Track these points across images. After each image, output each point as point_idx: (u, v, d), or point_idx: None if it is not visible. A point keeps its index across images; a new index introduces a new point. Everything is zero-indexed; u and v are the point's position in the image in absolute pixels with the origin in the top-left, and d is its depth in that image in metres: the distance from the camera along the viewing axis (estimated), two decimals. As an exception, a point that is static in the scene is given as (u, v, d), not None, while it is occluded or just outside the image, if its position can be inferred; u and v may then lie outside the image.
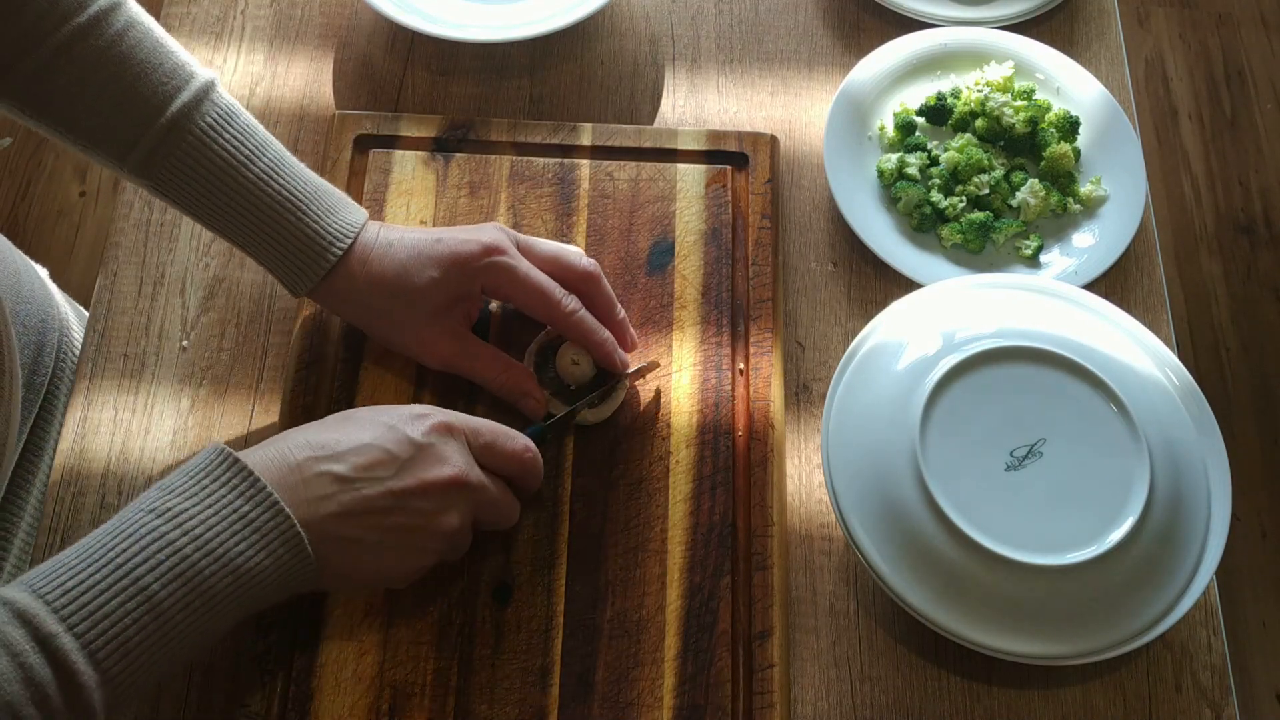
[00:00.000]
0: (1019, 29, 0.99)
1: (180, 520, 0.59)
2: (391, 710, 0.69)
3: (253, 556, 0.60)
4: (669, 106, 0.96)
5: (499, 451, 0.70)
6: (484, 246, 0.75)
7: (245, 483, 0.61)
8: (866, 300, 0.87)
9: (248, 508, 0.61)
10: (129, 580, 0.57)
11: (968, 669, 0.74)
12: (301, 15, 1.00)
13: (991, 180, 0.90)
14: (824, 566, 0.78)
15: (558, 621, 0.72)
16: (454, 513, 0.67)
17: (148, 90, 0.71)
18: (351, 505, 0.64)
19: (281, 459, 0.64)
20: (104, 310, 0.85)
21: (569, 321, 0.76)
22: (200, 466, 0.62)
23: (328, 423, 0.68)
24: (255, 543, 0.60)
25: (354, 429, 0.66)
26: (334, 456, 0.64)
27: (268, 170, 0.73)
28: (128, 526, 0.59)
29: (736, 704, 0.70)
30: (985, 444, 0.73)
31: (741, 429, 0.78)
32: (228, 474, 0.61)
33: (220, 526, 0.60)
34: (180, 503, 0.60)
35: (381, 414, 0.68)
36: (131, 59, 0.71)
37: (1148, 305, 0.88)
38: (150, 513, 0.59)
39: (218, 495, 0.61)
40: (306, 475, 0.63)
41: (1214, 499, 0.75)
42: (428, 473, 0.66)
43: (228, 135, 0.72)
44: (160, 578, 0.58)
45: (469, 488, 0.67)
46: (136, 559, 0.57)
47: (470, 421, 0.70)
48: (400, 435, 0.66)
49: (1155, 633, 0.71)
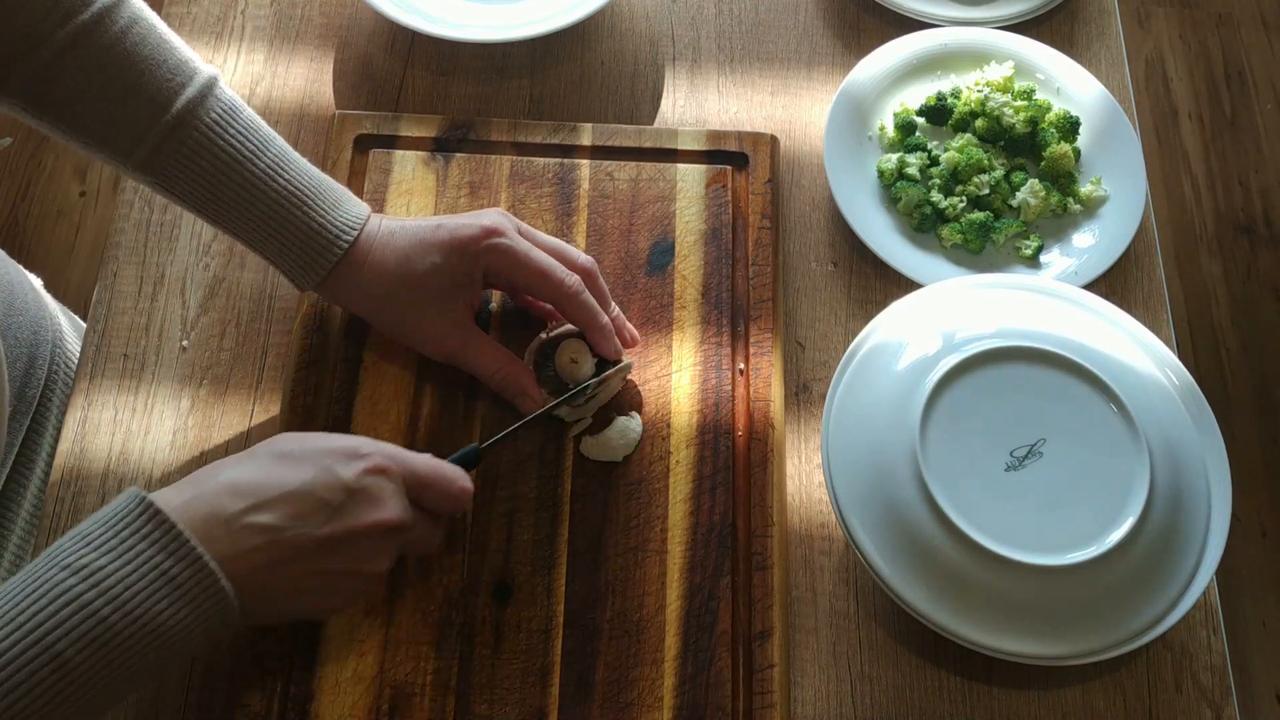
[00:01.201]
0: (1019, 29, 0.99)
1: (97, 579, 0.56)
2: (391, 710, 0.69)
3: (175, 614, 0.57)
4: (669, 106, 0.96)
5: (436, 489, 0.68)
6: (484, 229, 0.75)
7: (167, 536, 0.58)
8: (866, 300, 0.87)
9: (169, 563, 0.57)
10: (40, 647, 0.54)
11: (968, 669, 0.74)
12: (301, 15, 1.00)
13: (991, 180, 0.90)
14: (824, 566, 0.78)
15: (558, 621, 0.72)
16: (383, 556, 0.65)
17: (152, 87, 0.71)
18: (280, 555, 0.61)
19: (206, 507, 0.60)
20: (104, 310, 0.85)
21: (574, 301, 0.75)
22: (118, 515, 0.58)
23: (256, 456, 0.64)
24: (177, 599, 0.57)
25: (285, 469, 0.63)
26: (263, 505, 0.61)
27: (272, 165, 0.73)
28: (41, 585, 0.55)
29: (736, 704, 0.70)
30: (985, 444, 0.73)
31: (741, 429, 0.78)
32: (147, 526, 0.58)
33: (140, 585, 0.56)
34: (96, 558, 0.56)
35: (315, 450, 0.64)
36: (135, 56, 0.71)
37: (1148, 305, 0.88)
38: (65, 569, 0.56)
39: (137, 550, 0.57)
40: (234, 527, 0.60)
41: (1214, 499, 0.75)
42: (359, 518, 0.63)
43: (233, 131, 0.72)
44: (74, 642, 0.54)
45: (400, 530, 0.65)
46: (49, 623, 0.54)
47: (406, 459, 0.67)
48: (333, 478, 0.63)
49: (1155, 633, 0.71)
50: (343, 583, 0.65)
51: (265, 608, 0.62)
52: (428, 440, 0.77)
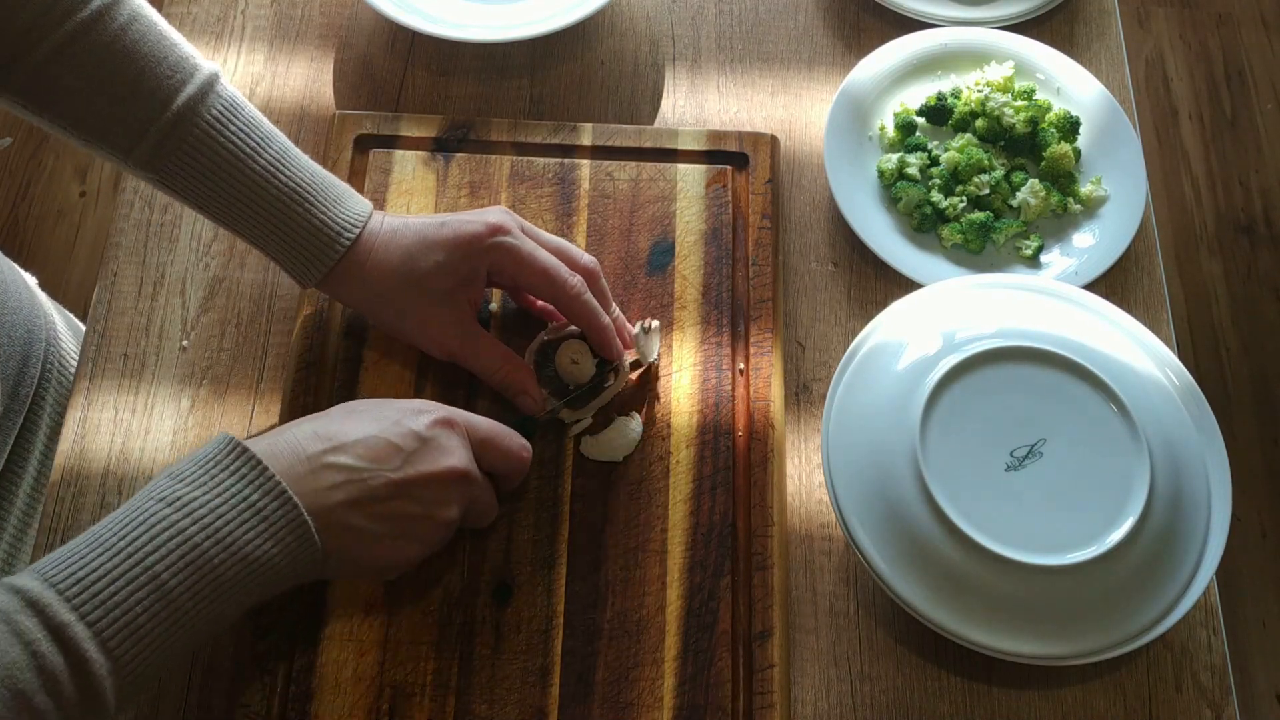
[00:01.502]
0: (1019, 29, 0.99)
1: (190, 509, 0.59)
2: (391, 710, 0.69)
3: (261, 545, 0.61)
4: (669, 106, 0.96)
5: (497, 448, 0.71)
6: (489, 226, 0.75)
7: (254, 471, 0.62)
8: (866, 300, 0.87)
9: (256, 496, 0.61)
10: (140, 569, 0.57)
11: (968, 669, 0.74)
12: (302, 15, 1.00)
13: (992, 180, 0.90)
14: (824, 566, 0.78)
15: (558, 621, 0.72)
16: (453, 504, 0.68)
17: (153, 84, 0.71)
18: (358, 495, 0.64)
19: (290, 449, 0.64)
20: (104, 310, 0.85)
21: (576, 302, 0.76)
22: (209, 455, 0.62)
23: (333, 414, 0.68)
24: (263, 531, 0.61)
25: (359, 421, 0.67)
26: (341, 447, 0.65)
27: (274, 162, 0.73)
28: (138, 515, 0.59)
29: (736, 704, 0.70)
30: (985, 444, 0.73)
31: (741, 429, 0.78)
32: (236, 463, 0.62)
33: (230, 515, 0.60)
34: (190, 491, 0.60)
35: (385, 407, 0.69)
36: (136, 53, 0.71)
37: (1148, 305, 0.88)
38: (160, 501, 0.59)
39: (227, 484, 0.61)
40: (315, 466, 0.64)
41: (1214, 499, 0.75)
42: (432, 464, 0.66)
43: (234, 127, 0.72)
44: (171, 566, 0.58)
45: (469, 481, 0.68)
46: (147, 547, 0.58)
47: (470, 418, 0.70)
48: (404, 428, 0.67)
49: (1155, 633, 0.71)
50: (416, 528, 0.67)
51: (345, 551, 0.65)
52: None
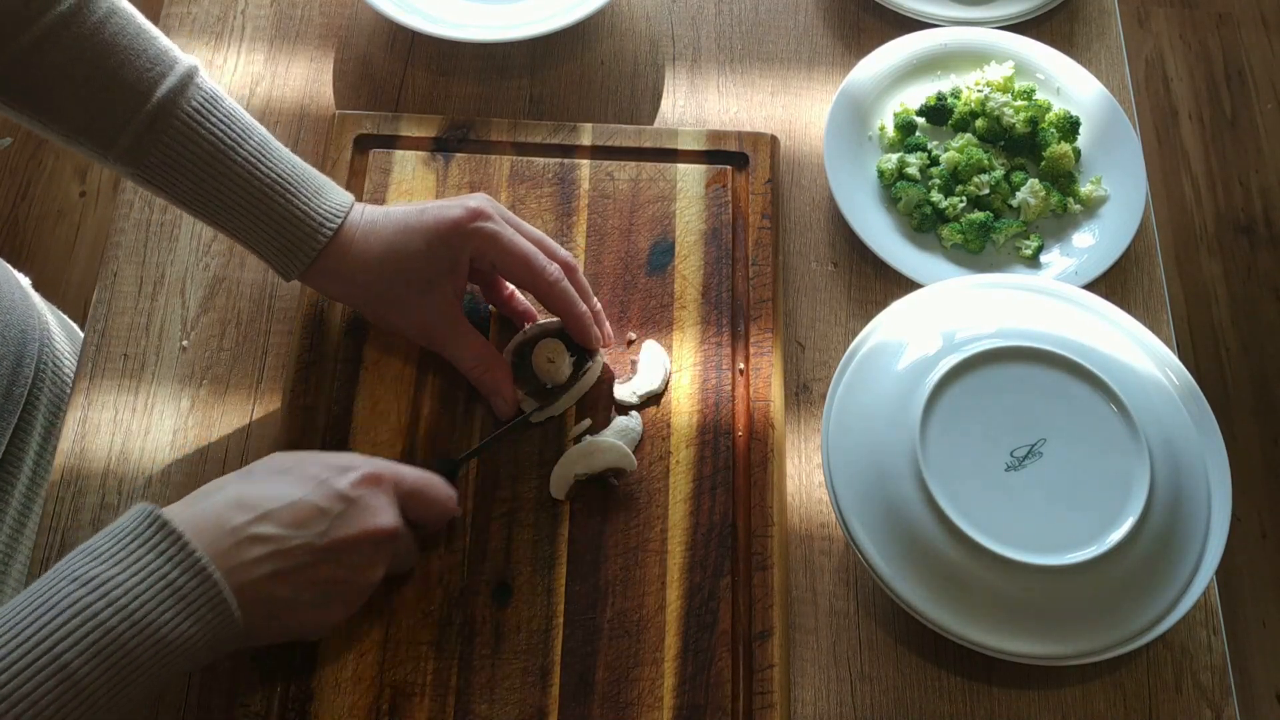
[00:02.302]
0: (1019, 29, 0.99)
1: (105, 590, 0.56)
2: (391, 710, 0.69)
3: (179, 625, 0.58)
4: (669, 106, 0.96)
5: (424, 499, 0.70)
6: (470, 211, 0.75)
7: (174, 547, 0.59)
8: (866, 300, 0.87)
9: (175, 574, 0.58)
10: (49, 658, 0.54)
11: (968, 669, 0.74)
12: (301, 15, 1.00)
13: (991, 180, 0.90)
14: (824, 566, 0.78)
15: (558, 621, 0.72)
16: (378, 565, 0.67)
17: (131, 77, 0.71)
18: (282, 566, 0.62)
19: (213, 520, 0.61)
20: (104, 310, 0.85)
21: (552, 290, 0.76)
22: (127, 529, 0.59)
23: (255, 474, 0.66)
24: (181, 610, 0.58)
25: (283, 484, 0.65)
26: (265, 516, 0.63)
27: (254, 154, 0.73)
28: (49, 598, 0.56)
29: (736, 704, 0.70)
30: (985, 444, 0.73)
31: (741, 429, 0.78)
32: (156, 537, 0.59)
33: (146, 595, 0.57)
34: (105, 570, 0.57)
35: (310, 464, 0.67)
36: (114, 46, 0.70)
37: (1148, 305, 0.88)
38: (74, 581, 0.56)
39: (145, 561, 0.58)
40: (239, 539, 0.61)
41: (1214, 499, 0.75)
42: (357, 526, 0.65)
43: (213, 120, 0.72)
44: (82, 654, 0.55)
45: (394, 538, 0.67)
46: (57, 634, 0.55)
47: (398, 470, 0.69)
48: (330, 489, 0.65)
49: (1155, 633, 0.71)
50: (341, 591, 0.66)
51: (266, 622, 0.63)
52: (428, 440, 0.78)
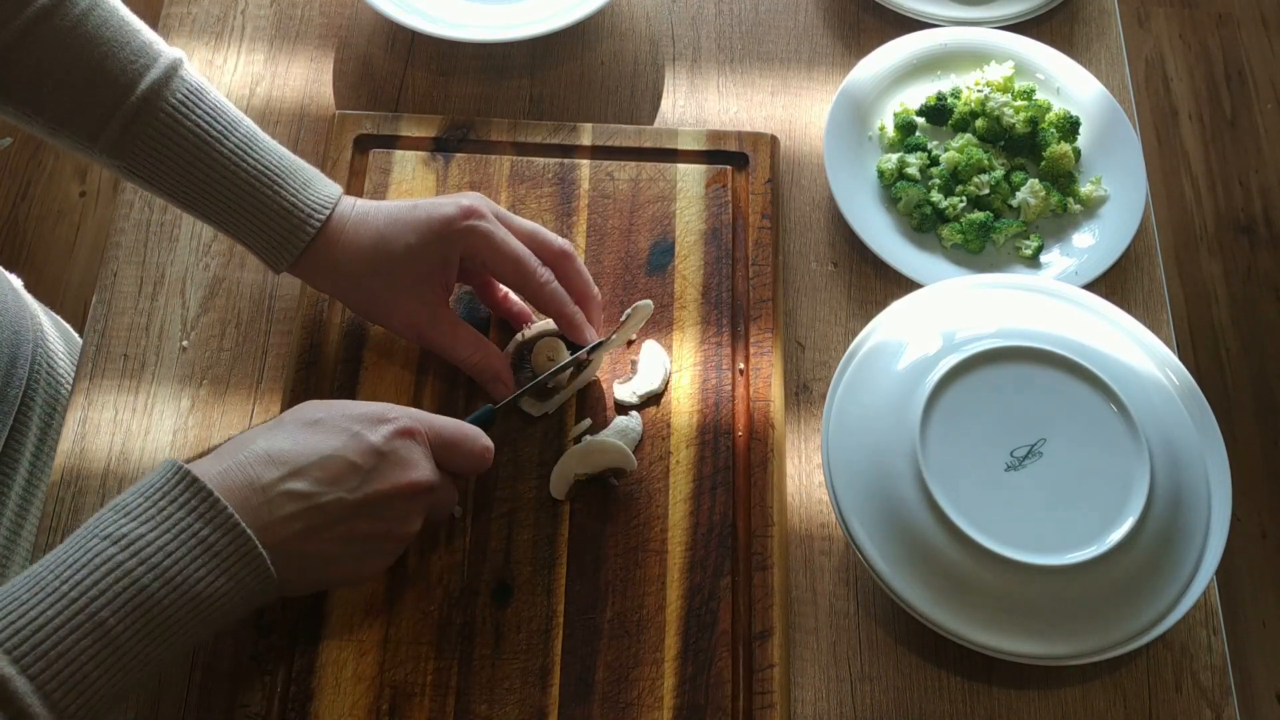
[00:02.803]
0: (1019, 29, 0.99)
1: (137, 547, 0.56)
2: (391, 710, 0.69)
3: (213, 582, 0.58)
4: (669, 106, 0.96)
5: (460, 450, 0.69)
6: (462, 209, 0.74)
7: (204, 504, 0.59)
8: (866, 300, 0.87)
9: (207, 531, 0.58)
10: (84, 615, 0.54)
11: (968, 669, 0.74)
12: (301, 15, 1.00)
13: (991, 180, 0.90)
14: (824, 566, 0.78)
15: (558, 621, 0.72)
16: (415, 516, 0.67)
17: (115, 69, 0.70)
18: (316, 522, 0.62)
19: (242, 477, 0.61)
20: (104, 310, 0.85)
21: (543, 292, 0.76)
22: (156, 486, 0.59)
23: (286, 426, 0.65)
24: (215, 568, 0.58)
25: (315, 436, 0.64)
26: (297, 472, 0.62)
27: (241, 146, 0.73)
28: (81, 555, 0.56)
29: (736, 704, 0.70)
30: (985, 444, 0.73)
31: (741, 429, 0.78)
32: (185, 494, 0.59)
33: (179, 553, 0.57)
34: (136, 527, 0.57)
35: (343, 416, 0.65)
36: (98, 39, 0.70)
37: (1148, 305, 0.88)
38: (105, 539, 0.56)
39: (176, 518, 0.58)
40: (270, 496, 0.61)
41: (1214, 499, 0.75)
42: (393, 480, 0.64)
43: (199, 112, 0.72)
44: (116, 611, 0.55)
45: (431, 491, 0.66)
46: (91, 592, 0.55)
47: (432, 421, 0.68)
48: (363, 443, 0.64)
49: (1155, 633, 0.71)
50: (377, 545, 0.66)
51: (302, 575, 0.63)
52: (428, 440, 0.78)
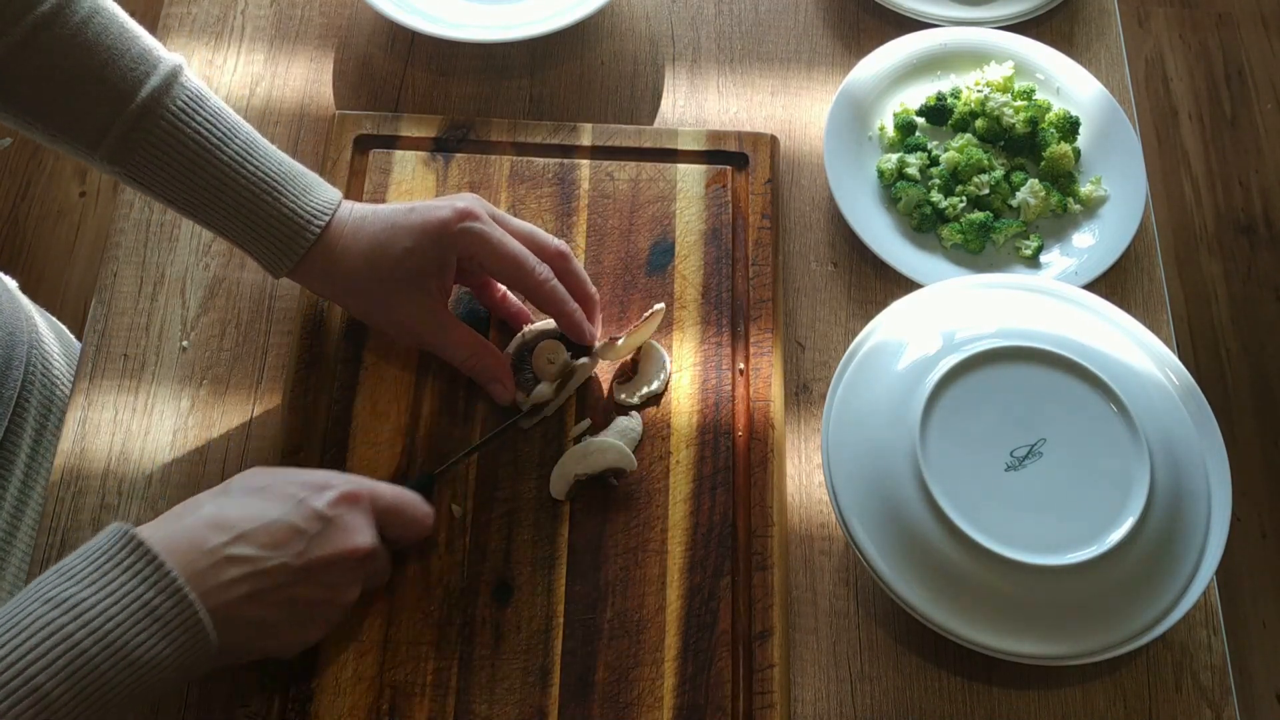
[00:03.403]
0: (1019, 29, 0.99)
1: (78, 611, 0.56)
2: (391, 710, 0.69)
3: (153, 647, 0.58)
4: (669, 106, 0.96)
5: (401, 517, 0.70)
6: (458, 211, 0.74)
7: (149, 568, 0.59)
8: (866, 300, 0.87)
9: (150, 594, 0.58)
10: (21, 680, 0.54)
11: (968, 669, 0.74)
12: (301, 15, 1.00)
13: (991, 180, 0.90)
14: (824, 566, 0.78)
15: (558, 621, 0.72)
16: (355, 584, 0.67)
17: (115, 76, 0.70)
18: (259, 586, 0.62)
19: (188, 541, 0.61)
20: (104, 310, 0.85)
21: (542, 289, 0.76)
22: (102, 549, 0.59)
23: (232, 492, 0.66)
24: (156, 632, 0.58)
25: (262, 503, 0.65)
26: (242, 536, 0.62)
27: (241, 152, 0.73)
28: (22, 619, 0.56)
29: (736, 704, 0.70)
30: (985, 444, 0.73)
31: (741, 429, 0.78)
32: (130, 558, 0.59)
33: (120, 616, 0.57)
34: (79, 591, 0.57)
35: (287, 483, 0.66)
36: (98, 46, 0.70)
37: (1148, 305, 0.88)
38: (47, 603, 0.56)
39: (119, 582, 0.58)
40: (215, 559, 0.61)
41: (1214, 499, 0.75)
42: (335, 546, 0.65)
43: (200, 118, 0.72)
44: (54, 676, 0.55)
45: (371, 558, 0.67)
46: (30, 656, 0.54)
47: (375, 488, 0.69)
48: (307, 509, 0.65)
49: (1155, 633, 0.71)
50: (317, 612, 0.66)
51: (241, 643, 0.63)
52: (427, 441, 0.77)
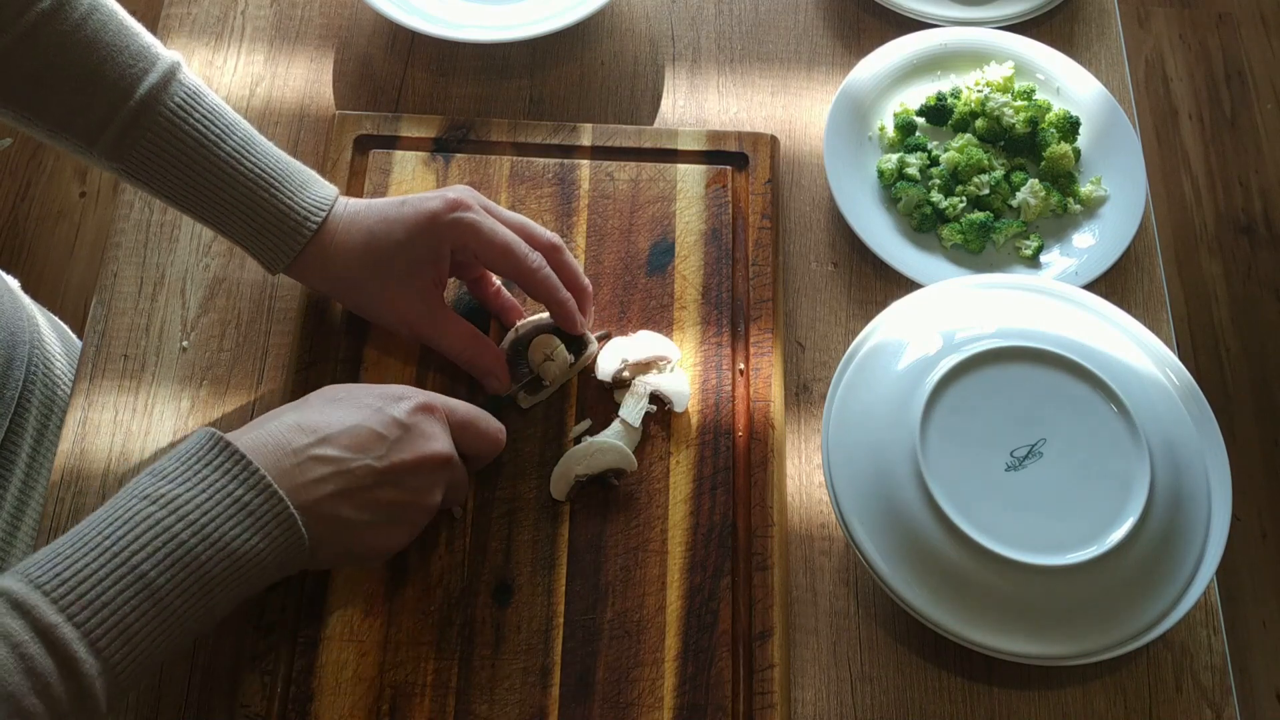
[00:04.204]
0: (1019, 29, 0.99)
1: (175, 505, 0.59)
2: (392, 710, 0.69)
3: (249, 540, 0.60)
4: (669, 106, 0.96)
5: (475, 431, 0.72)
6: (449, 202, 0.75)
7: (238, 466, 0.61)
8: (866, 300, 0.87)
9: (241, 491, 0.61)
10: (127, 567, 0.57)
11: (968, 669, 0.74)
12: (301, 15, 1.00)
13: (991, 180, 0.90)
14: (824, 566, 0.78)
15: (558, 622, 0.72)
16: (437, 488, 0.69)
17: (114, 73, 0.71)
18: (345, 485, 0.64)
19: (274, 442, 0.64)
20: (104, 310, 0.85)
21: (534, 278, 0.76)
22: (193, 451, 0.62)
23: (313, 403, 0.68)
24: (250, 526, 0.61)
25: (341, 410, 0.67)
26: (326, 439, 0.65)
27: (239, 148, 0.73)
28: (123, 513, 0.58)
29: (737, 704, 0.70)
30: (985, 444, 0.73)
31: (741, 429, 0.78)
32: (220, 458, 0.61)
33: (215, 511, 0.60)
34: (173, 488, 0.60)
35: (365, 394, 0.69)
36: (97, 42, 0.71)
37: (1148, 305, 0.88)
38: (145, 499, 0.59)
39: (211, 480, 0.61)
40: (300, 459, 0.64)
41: (1214, 499, 0.75)
42: (416, 451, 0.67)
43: (197, 115, 0.73)
44: (157, 564, 0.58)
45: (450, 464, 0.69)
46: (133, 546, 0.57)
47: (449, 402, 0.71)
48: (387, 416, 0.67)
49: (1155, 633, 0.71)
50: (402, 513, 0.68)
51: (332, 541, 0.65)
52: (428, 440, 0.77)
